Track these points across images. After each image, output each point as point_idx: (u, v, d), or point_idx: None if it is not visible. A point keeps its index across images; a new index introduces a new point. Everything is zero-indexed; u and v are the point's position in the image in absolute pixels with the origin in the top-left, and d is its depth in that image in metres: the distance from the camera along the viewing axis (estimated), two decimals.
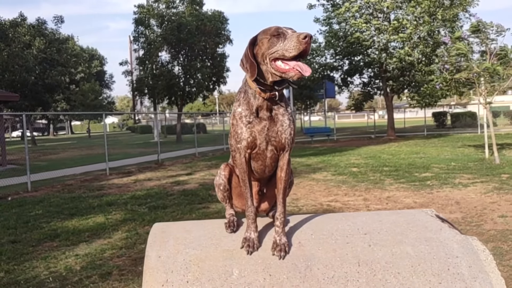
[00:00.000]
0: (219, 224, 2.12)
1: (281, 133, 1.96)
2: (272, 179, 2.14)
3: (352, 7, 26.01)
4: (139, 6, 32.16)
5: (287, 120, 1.98)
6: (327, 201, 8.67)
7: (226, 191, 2.18)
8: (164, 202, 9.14)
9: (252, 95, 1.96)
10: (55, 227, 7.38)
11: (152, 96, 34.06)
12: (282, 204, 1.99)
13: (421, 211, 2.27)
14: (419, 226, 2.06)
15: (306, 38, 1.80)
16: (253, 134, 1.96)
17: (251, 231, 1.96)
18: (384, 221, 2.11)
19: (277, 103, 1.98)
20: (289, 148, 2.00)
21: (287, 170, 2.02)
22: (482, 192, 8.75)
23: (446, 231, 2.02)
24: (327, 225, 2.08)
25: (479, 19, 13.46)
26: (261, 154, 2.00)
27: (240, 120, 1.97)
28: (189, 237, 1.97)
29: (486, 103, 13.76)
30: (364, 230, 2.02)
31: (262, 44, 1.91)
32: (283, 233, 1.95)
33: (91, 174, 14.88)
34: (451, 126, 36.37)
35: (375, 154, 17.63)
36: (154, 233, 2.02)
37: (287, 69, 1.85)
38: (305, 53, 1.84)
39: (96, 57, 66.92)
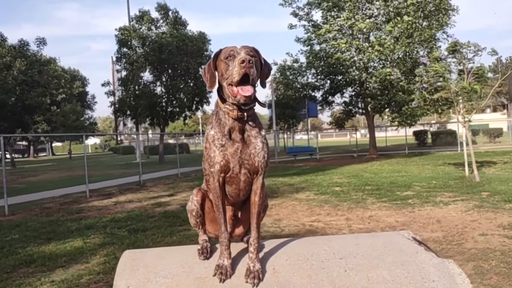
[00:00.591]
0: (192, 251, 2.06)
1: (254, 156, 1.94)
2: (246, 203, 2.11)
3: (332, 28, 26.39)
4: (121, 29, 32.20)
5: (260, 142, 1.95)
6: (310, 221, 8.62)
7: (199, 217, 2.13)
8: (144, 224, 8.99)
9: (223, 116, 1.95)
10: (31, 252, 7.18)
11: (134, 116, 33.85)
12: (256, 229, 1.95)
13: (398, 233, 2.24)
14: (395, 249, 2.03)
15: (243, 63, 1.81)
16: (226, 158, 1.93)
17: (224, 258, 1.91)
18: (361, 245, 2.08)
19: (249, 125, 1.96)
20: (263, 171, 1.97)
21: (261, 194, 1.98)
22: (462, 210, 8.80)
23: (422, 254, 1.99)
24: (303, 250, 2.04)
25: (455, 40, 13.74)
26: (235, 178, 1.97)
27: (212, 143, 1.94)
28: (160, 265, 1.91)
29: (464, 121, 13.96)
30: (340, 255, 1.98)
31: (220, 66, 1.94)
32: (257, 259, 1.90)
33: (70, 196, 14.61)
34: (432, 145, 36.82)
35: (357, 173, 17.70)
36: (124, 261, 1.96)
37: (236, 93, 1.86)
38: (248, 76, 1.84)
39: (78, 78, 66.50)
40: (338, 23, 26.71)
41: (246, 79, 1.84)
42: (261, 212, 2.03)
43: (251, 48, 1.94)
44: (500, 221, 7.64)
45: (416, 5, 24.84)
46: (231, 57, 1.88)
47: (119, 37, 32.14)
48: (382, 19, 26.72)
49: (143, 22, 32.64)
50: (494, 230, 7.06)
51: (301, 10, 28.70)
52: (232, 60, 1.87)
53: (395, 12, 25.54)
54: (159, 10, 32.94)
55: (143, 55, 31.52)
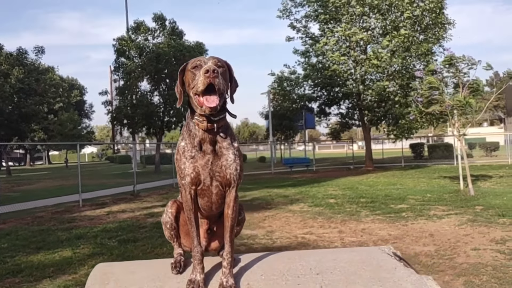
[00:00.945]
0: (166, 264, 2.02)
1: (225, 168, 1.90)
2: (221, 216, 2.07)
3: (329, 41, 26.51)
4: (118, 39, 32.32)
5: (232, 154, 1.92)
6: (302, 234, 8.55)
7: (173, 229, 2.09)
8: (135, 235, 8.91)
9: (193, 127, 1.91)
10: (19, 262, 7.09)
11: (130, 125, 33.81)
12: (229, 243, 1.91)
13: (378, 248, 2.20)
14: (373, 265, 1.99)
15: (207, 73, 1.79)
16: (196, 169, 1.89)
17: (197, 272, 1.86)
18: (338, 260, 2.04)
19: (221, 136, 1.93)
20: (236, 184, 1.93)
21: (234, 207, 1.94)
22: (456, 224, 8.75)
23: (400, 270, 1.95)
24: (279, 265, 1.99)
25: (451, 53, 13.77)
26: (207, 190, 1.93)
27: (183, 155, 1.91)
28: (131, 279, 1.87)
29: (459, 135, 13.96)
30: (317, 270, 1.94)
31: (187, 76, 1.92)
32: (230, 274, 1.85)
33: (63, 205, 14.50)
34: (428, 157, 36.82)
35: (353, 185, 17.65)
36: (95, 274, 1.91)
37: (202, 103, 1.83)
38: (213, 86, 1.81)
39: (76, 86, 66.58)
40: (335, 35, 26.85)
41: (211, 89, 1.82)
42: (235, 226, 1.99)
43: (220, 59, 1.92)
44: (493, 235, 7.59)
45: (413, 19, 25.00)
46: (197, 67, 1.86)
47: (116, 47, 32.23)
48: (379, 32, 26.88)
49: (139, 32, 32.76)
50: (487, 244, 7.01)
51: (298, 23, 28.89)
52: (199, 70, 1.84)
53: (392, 25, 25.70)
54: (156, 20, 33.07)
55: (140, 65, 31.58)
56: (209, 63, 1.84)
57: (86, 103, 69.46)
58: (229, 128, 1.97)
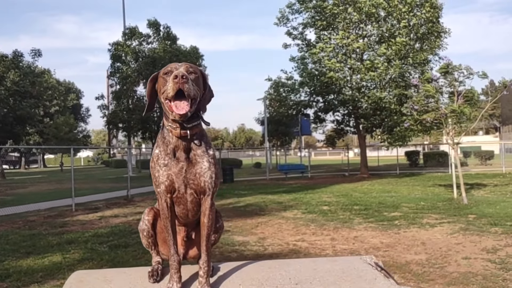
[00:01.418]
0: (143, 273, 1.99)
1: (199, 176, 1.88)
2: (199, 224, 2.04)
3: (326, 47, 26.58)
4: (114, 44, 32.37)
5: (206, 162, 1.90)
6: (294, 241, 8.52)
7: (150, 237, 2.07)
8: (126, 240, 8.85)
9: (167, 134, 1.90)
10: (8, 266, 7.03)
11: (126, 130, 33.76)
12: (205, 252, 1.89)
13: (360, 258, 2.18)
14: (353, 275, 1.97)
15: (176, 78, 1.78)
16: (170, 177, 1.87)
17: (174, 282, 1.84)
18: (318, 270, 2.02)
19: (195, 144, 1.91)
20: (211, 192, 1.91)
21: (210, 215, 1.92)
22: (448, 233, 8.74)
23: (380, 281, 1.94)
24: (258, 274, 1.97)
25: (449, 61, 13.75)
26: (182, 198, 1.91)
27: (157, 163, 1.89)
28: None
29: (453, 143, 13.98)
30: (296, 280, 1.92)
31: (159, 82, 1.91)
32: (207, 283, 1.83)
33: (56, 210, 14.42)
34: (424, 165, 36.88)
35: (347, 192, 17.64)
36: (70, 282, 1.89)
37: (171, 110, 1.83)
38: (183, 92, 1.80)
39: (72, 90, 66.58)
40: (332, 42, 26.95)
41: (181, 95, 1.80)
42: (211, 234, 1.96)
43: (192, 66, 1.90)
44: (484, 244, 7.59)
45: (409, 28, 25.11)
46: (168, 73, 1.85)
47: (112, 52, 32.29)
48: (375, 39, 26.98)
49: (134, 37, 32.86)
50: (478, 253, 7.00)
51: (295, 30, 28.98)
52: (169, 76, 1.83)
53: (388, 33, 25.80)
54: (150, 26, 33.15)
55: (136, 69, 31.59)
56: (180, 69, 1.82)
57: (83, 107, 69.49)
58: (204, 136, 1.95)
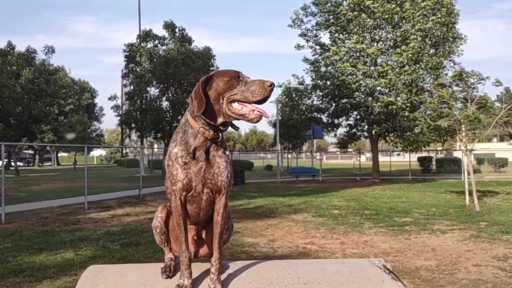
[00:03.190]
0: (156, 269, 2.05)
1: (217, 176, 1.94)
2: (211, 222, 2.10)
3: (339, 50, 26.55)
4: (129, 45, 32.73)
5: (224, 162, 1.96)
6: (304, 244, 8.55)
7: (163, 234, 2.12)
8: (138, 239, 8.95)
9: (193, 135, 1.95)
10: (21, 262, 7.15)
11: (139, 130, 34.03)
12: (218, 249, 1.94)
13: (368, 260, 2.22)
14: (361, 277, 2.01)
15: (271, 86, 1.84)
16: (189, 176, 1.93)
17: (185, 277, 1.89)
18: (326, 271, 2.06)
19: (216, 145, 1.97)
20: (226, 191, 1.97)
21: (224, 214, 1.97)
22: (459, 240, 8.70)
23: (388, 283, 1.97)
24: (268, 273, 2.02)
25: (462, 68, 13.66)
26: (197, 197, 1.96)
27: (175, 161, 1.94)
28: (121, 282, 1.90)
29: (467, 150, 13.89)
30: (305, 280, 1.96)
31: (218, 85, 1.92)
32: (218, 280, 1.88)
33: (69, 207, 14.61)
34: (436, 172, 36.60)
35: (358, 196, 17.60)
36: (86, 276, 1.95)
37: (246, 112, 1.86)
38: (266, 100, 1.87)
39: (87, 89, 67.30)
40: (346, 46, 26.91)
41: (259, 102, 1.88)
42: (224, 233, 2.02)
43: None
44: (495, 252, 7.54)
45: (424, 31, 24.97)
46: (240, 77, 1.90)
47: (127, 52, 32.64)
48: (390, 44, 26.88)
49: (149, 39, 33.21)
50: (489, 261, 6.96)
51: (309, 32, 28.98)
52: (242, 81, 1.89)
53: (402, 37, 25.69)
54: (166, 27, 33.42)
55: (150, 70, 31.86)
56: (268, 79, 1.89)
57: (97, 106, 70.16)
58: (223, 138, 2.02)
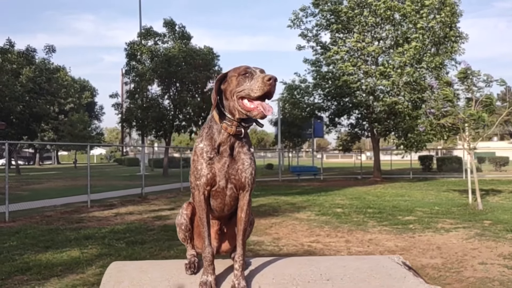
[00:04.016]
0: (178, 265, 2.06)
1: (241, 172, 1.95)
2: (232, 218, 2.11)
3: (340, 50, 26.54)
4: (130, 43, 32.73)
5: (249, 159, 1.97)
6: (309, 242, 8.56)
7: (188, 231, 2.14)
8: (143, 237, 8.96)
9: (217, 130, 1.97)
10: (28, 260, 7.16)
11: (140, 128, 34.04)
12: (241, 246, 1.95)
13: (388, 257, 2.23)
14: (383, 273, 2.02)
15: (270, 80, 1.84)
16: (213, 171, 1.94)
17: (208, 273, 1.90)
18: (348, 267, 2.07)
19: (240, 141, 1.98)
20: (250, 188, 1.98)
21: (247, 210, 1.99)
22: (463, 238, 8.71)
23: (410, 280, 1.98)
24: (290, 269, 2.03)
25: (468, 66, 13.60)
26: (221, 192, 1.98)
27: (200, 156, 1.96)
28: (145, 278, 1.91)
29: (470, 148, 13.89)
30: (327, 276, 1.97)
31: (231, 81, 1.95)
32: (242, 276, 1.89)
33: (72, 205, 14.62)
34: (437, 170, 36.62)
35: (360, 195, 17.62)
36: (110, 272, 1.96)
37: (252, 108, 1.88)
38: (269, 94, 1.87)
39: (87, 88, 67.18)
40: (347, 45, 26.90)
41: (263, 97, 1.88)
42: (247, 229, 2.03)
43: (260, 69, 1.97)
44: (500, 250, 7.55)
45: (425, 29, 24.97)
46: (248, 74, 1.91)
47: (128, 51, 32.63)
48: (390, 43, 26.86)
49: (149, 37, 33.20)
50: (494, 259, 6.97)
51: (309, 32, 28.92)
52: (250, 77, 1.90)
53: (403, 37, 25.68)
54: (166, 25, 33.42)
55: (151, 68, 31.86)
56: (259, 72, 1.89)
57: (97, 105, 70.07)
58: (248, 135, 2.04)
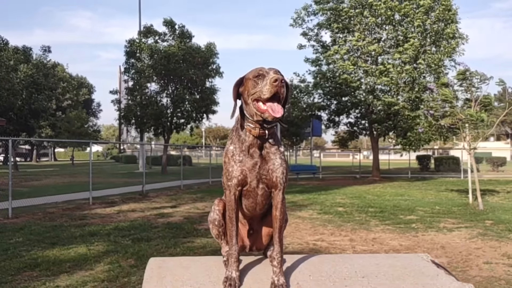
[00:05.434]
0: (216, 262, 2.10)
1: (272, 172, 1.99)
2: (264, 217, 2.15)
3: (341, 49, 26.60)
4: (130, 41, 32.70)
5: (279, 159, 2.01)
6: (313, 240, 8.61)
7: (221, 226, 2.17)
8: (148, 234, 9.00)
9: (244, 133, 2.00)
10: (35, 256, 7.18)
11: (139, 125, 34.01)
12: (278, 243, 2.00)
13: (417, 255, 2.28)
14: (416, 271, 2.07)
15: (276, 82, 1.88)
16: (244, 172, 1.98)
17: (233, 270, 1.94)
18: (381, 265, 2.12)
19: (269, 142, 2.02)
20: (282, 187, 2.02)
21: (282, 208, 2.03)
22: (466, 238, 8.79)
23: (443, 277, 2.03)
24: (325, 267, 2.07)
25: (466, 67, 13.69)
26: (252, 192, 2.02)
27: (231, 158, 2.00)
28: (186, 274, 1.95)
29: (470, 148, 13.97)
30: (362, 273, 2.02)
31: (247, 84, 2.00)
32: (281, 273, 1.94)
33: (73, 202, 14.63)
34: (435, 170, 36.78)
35: (360, 194, 17.69)
36: (151, 268, 2.00)
37: (264, 110, 1.92)
38: (278, 95, 1.90)
39: (84, 85, 67.03)
40: (347, 44, 26.96)
41: (274, 98, 1.91)
42: (283, 226, 2.08)
43: (279, 71, 2.00)
44: (504, 250, 7.63)
45: (423, 27, 25.07)
46: (260, 76, 1.95)
47: (127, 47, 32.59)
48: (390, 43, 26.94)
49: (149, 35, 33.18)
50: (499, 258, 7.05)
51: (310, 31, 28.96)
52: (262, 78, 1.93)
53: (403, 36, 25.76)
54: (166, 24, 33.39)
55: (150, 65, 31.83)
56: (271, 73, 1.92)
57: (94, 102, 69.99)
58: (276, 134, 2.07)
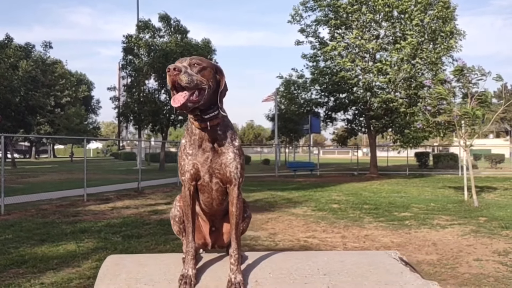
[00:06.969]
0: (175, 259, 2.05)
1: (225, 166, 1.93)
2: (226, 215, 2.10)
3: (338, 46, 26.52)
4: (127, 37, 32.62)
5: (231, 153, 1.94)
6: (305, 237, 8.57)
7: (182, 223, 2.13)
8: (139, 231, 8.96)
9: (191, 126, 1.96)
10: (23, 253, 7.14)
11: (137, 122, 33.99)
12: (235, 240, 1.94)
13: (385, 253, 2.23)
14: (380, 268, 2.02)
15: (169, 71, 1.84)
16: (195, 166, 1.93)
17: (189, 267, 1.89)
18: (345, 262, 2.07)
19: (219, 135, 1.95)
20: (237, 182, 1.96)
21: (238, 204, 1.97)
22: (459, 235, 8.74)
23: (407, 275, 1.98)
24: (287, 264, 2.02)
25: (464, 63, 13.61)
26: (207, 187, 1.97)
27: (183, 152, 1.96)
28: (142, 271, 1.90)
29: (466, 145, 13.92)
30: (324, 271, 1.97)
31: None
32: (238, 270, 1.89)
33: (68, 199, 14.59)
34: (433, 167, 36.73)
35: (356, 191, 17.65)
36: (107, 265, 1.95)
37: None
38: (175, 84, 1.85)
39: (84, 82, 66.89)
40: (345, 41, 26.88)
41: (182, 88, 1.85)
42: (240, 223, 2.02)
43: (199, 58, 1.95)
44: (495, 247, 7.59)
45: (421, 25, 24.98)
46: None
47: (125, 45, 32.54)
48: (389, 40, 26.87)
49: (147, 31, 33.12)
50: (489, 256, 7.01)
51: (308, 27, 28.88)
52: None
53: (401, 33, 25.68)
54: (162, 20, 33.33)
55: (148, 62, 31.77)
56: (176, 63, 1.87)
57: (93, 99, 69.82)
58: (228, 127, 1.99)
